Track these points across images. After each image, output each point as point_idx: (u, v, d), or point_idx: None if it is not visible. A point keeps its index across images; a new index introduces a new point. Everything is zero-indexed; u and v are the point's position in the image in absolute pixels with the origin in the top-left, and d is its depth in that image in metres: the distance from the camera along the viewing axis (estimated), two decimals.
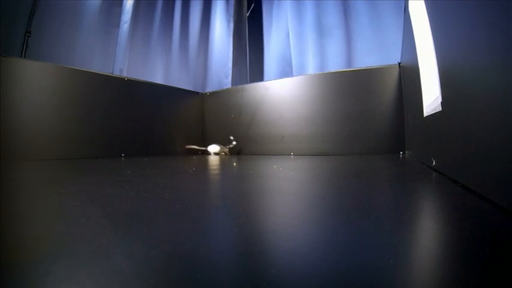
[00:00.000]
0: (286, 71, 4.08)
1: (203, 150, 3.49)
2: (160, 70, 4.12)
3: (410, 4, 1.75)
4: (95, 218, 0.51)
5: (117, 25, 3.68)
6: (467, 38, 0.74)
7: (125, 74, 3.55)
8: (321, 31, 3.73)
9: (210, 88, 4.30)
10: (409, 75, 1.87)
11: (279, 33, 4.26)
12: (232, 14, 4.55)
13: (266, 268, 0.32)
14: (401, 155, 2.37)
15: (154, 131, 3.26)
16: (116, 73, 3.51)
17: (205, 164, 1.96)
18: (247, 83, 4.07)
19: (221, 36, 4.59)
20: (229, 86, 4.29)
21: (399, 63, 2.55)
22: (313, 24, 3.79)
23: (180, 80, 4.14)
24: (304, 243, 0.40)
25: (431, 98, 1.27)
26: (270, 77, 4.21)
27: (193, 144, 3.50)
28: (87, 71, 2.71)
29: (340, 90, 2.83)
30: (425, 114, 1.45)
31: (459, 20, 0.80)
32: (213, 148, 3.34)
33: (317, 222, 0.52)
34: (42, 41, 2.96)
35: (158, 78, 3.93)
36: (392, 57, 2.71)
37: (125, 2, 3.75)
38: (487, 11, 0.60)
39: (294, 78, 3.17)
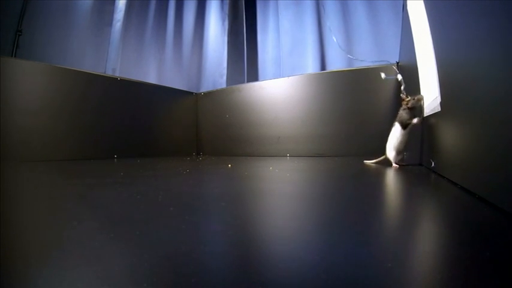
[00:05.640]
0: (281, 71, 4.04)
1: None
2: (154, 70, 4.06)
3: (409, 2, 1.74)
4: (87, 221, 0.48)
5: (110, 24, 3.61)
6: (467, 38, 0.73)
7: (118, 74, 3.48)
8: (317, 31, 3.70)
9: (204, 88, 4.25)
10: (407, 75, 1.86)
11: (274, 33, 4.23)
12: (227, 12, 4.50)
13: (262, 271, 0.32)
14: None
15: (148, 131, 3.21)
16: (109, 72, 3.45)
17: (201, 166, 1.93)
18: (243, 83, 4.03)
19: (216, 35, 4.54)
20: (224, 86, 4.25)
21: (397, 63, 2.53)
22: (309, 24, 3.77)
23: (174, 80, 4.08)
24: (301, 246, 0.40)
25: (430, 99, 1.25)
26: (265, 77, 4.17)
27: None
28: (79, 71, 2.65)
29: (337, 90, 2.80)
30: (424, 114, 1.45)
31: (459, 19, 0.79)
32: None
33: (314, 225, 0.51)
34: (33, 40, 2.90)
35: (152, 78, 3.87)
36: (392, 56, 2.70)
37: (117, 0, 3.68)
38: (486, 10, 0.59)
39: (290, 78, 3.14)
